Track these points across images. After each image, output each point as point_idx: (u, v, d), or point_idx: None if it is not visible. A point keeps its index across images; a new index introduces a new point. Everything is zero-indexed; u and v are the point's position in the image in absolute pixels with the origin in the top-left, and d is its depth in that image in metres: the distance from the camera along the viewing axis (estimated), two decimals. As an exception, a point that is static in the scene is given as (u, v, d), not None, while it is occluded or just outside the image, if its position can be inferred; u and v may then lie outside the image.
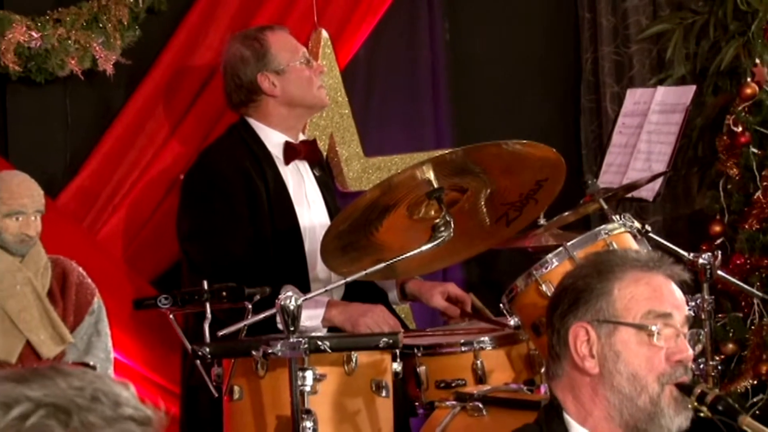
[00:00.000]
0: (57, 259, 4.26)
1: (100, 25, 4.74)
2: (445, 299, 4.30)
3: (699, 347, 2.48)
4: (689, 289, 4.09)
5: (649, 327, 2.36)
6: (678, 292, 2.42)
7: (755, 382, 4.67)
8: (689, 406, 2.35)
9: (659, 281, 2.40)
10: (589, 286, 2.40)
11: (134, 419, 1.43)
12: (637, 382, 2.35)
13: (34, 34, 4.64)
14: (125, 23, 4.78)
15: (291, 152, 4.34)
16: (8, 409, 1.39)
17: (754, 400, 4.64)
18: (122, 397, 1.44)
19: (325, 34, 5.07)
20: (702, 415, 2.36)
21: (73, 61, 4.70)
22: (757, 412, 4.56)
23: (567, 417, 2.39)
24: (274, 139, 4.34)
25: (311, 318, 3.85)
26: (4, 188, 4.12)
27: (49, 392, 1.41)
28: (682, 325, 2.39)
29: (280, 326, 3.49)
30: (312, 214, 4.34)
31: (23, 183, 4.17)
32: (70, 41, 4.69)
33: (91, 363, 4.13)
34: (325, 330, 4.07)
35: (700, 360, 4.06)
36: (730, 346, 4.80)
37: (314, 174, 4.42)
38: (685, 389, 2.35)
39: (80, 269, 4.29)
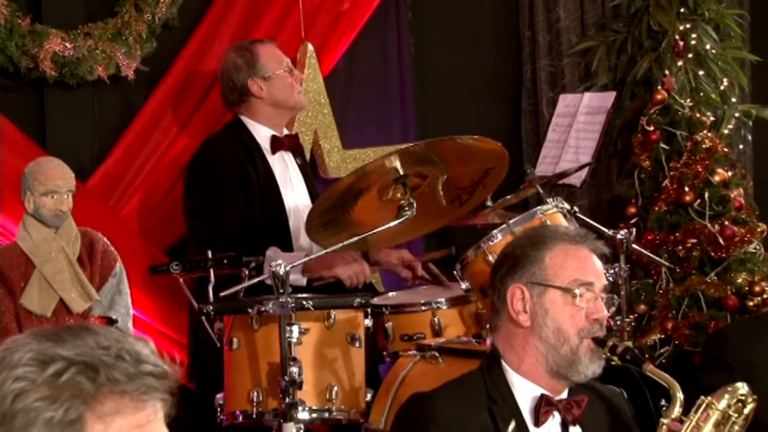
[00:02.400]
0: (86, 230, 4.25)
1: (123, 38, 4.76)
2: (400, 263, 4.32)
3: (613, 309, 2.48)
4: (609, 259, 4.13)
5: (573, 290, 2.37)
6: (599, 264, 2.44)
7: (662, 336, 4.69)
8: (602, 356, 2.37)
9: (584, 254, 2.41)
10: (525, 253, 2.41)
11: (153, 374, 1.41)
12: (561, 335, 2.36)
13: (67, 44, 4.64)
14: (144, 36, 4.80)
15: (277, 144, 4.35)
16: (45, 366, 1.38)
17: (661, 351, 4.66)
18: (143, 354, 1.42)
19: (310, 46, 5.08)
20: (613, 363, 2.37)
21: (100, 68, 4.71)
22: (663, 360, 4.58)
23: (504, 364, 2.40)
24: (262, 133, 4.35)
25: (294, 270, 3.84)
26: (41, 171, 4.12)
27: (80, 351, 1.39)
28: (600, 291, 2.40)
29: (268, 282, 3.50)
30: (295, 195, 4.35)
31: (57, 167, 4.17)
32: (97, 51, 4.70)
33: (114, 317, 4.15)
34: (305, 279, 4.07)
35: (617, 318, 4.06)
36: (642, 306, 4.81)
37: (297, 162, 4.43)
38: (599, 342, 2.36)
39: (105, 239, 4.29)
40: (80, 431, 1.36)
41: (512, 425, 1.79)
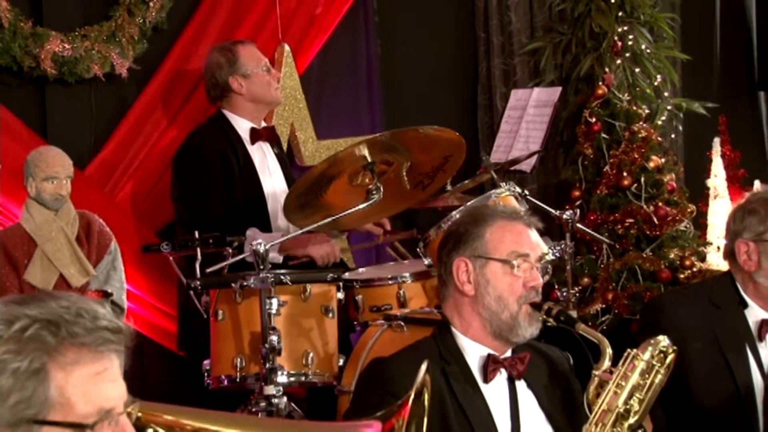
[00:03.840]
0: (83, 212, 4.23)
1: (117, 39, 4.72)
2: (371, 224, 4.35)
3: (547, 277, 2.48)
4: (555, 237, 4.15)
5: (511, 262, 2.37)
6: (534, 236, 2.44)
7: (604, 306, 4.71)
8: (539, 318, 2.37)
9: (519, 228, 2.41)
10: (468, 230, 2.41)
11: (109, 329, 1.42)
12: (502, 302, 2.36)
13: (66, 45, 4.60)
14: (136, 38, 4.76)
15: (256, 135, 4.34)
16: (11, 324, 1.39)
17: (603, 319, 4.69)
18: (99, 312, 1.43)
19: (287, 47, 5.05)
20: (549, 324, 2.38)
21: (96, 67, 4.66)
22: (605, 327, 4.61)
23: (454, 329, 2.40)
24: (243, 126, 4.34)
25: (272, 249, 3.82)
26: (42, 159, 4.10)
27: (42, 310, 1.41)
28: (535, 261, 2.41)
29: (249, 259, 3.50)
30: (273, 181, 4.33)
31: (57, 155, 4.14)
32: (94, 51, 4.66)
33: (109, 290, 4.12)
34: (281, 257, 4.06)
35: (563, 290, 4.08)
36: (586, 279, 4.83)
37: (274, 152, 4.42)
38: (536, 307, 2.37)
39: (101, 221, 4.26)
40: (44, 379, 1.37)
41: (425, 365, 1.75)
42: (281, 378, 3.46)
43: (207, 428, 1.75)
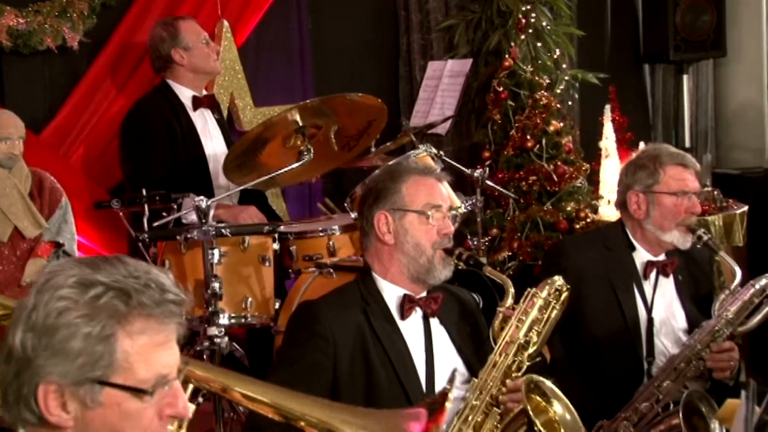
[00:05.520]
0: (36, 170, 4.13)
1: (68, 15, 4.58)
2: None
3: (456, 224, 2.47)
4: (467, 192, 4.16)
5: (426, 212, 2.35)
6: (445, 189, 2.43)
7: (510, 253, 4.74)
8: (452, 262, 2.36)
9: (432, 182, 2.40)
10: (386, 186, 2.38)
11: (174, 302, 1.39)
12: (419, 248, 2.35)
13: (20, 20, 4.47)
14: (86, 13, 4.63)
15: (197, 103, 4.26)
16: (86, 290, 1.35)
17: (509, 264, 4.72)
18: (166, 284, 1.40)
19: (226, 23, 4.95)
20: (459, 267, 2.38)
21: (49, 40, 4.54)
22: (511, 272, 4.63)
23: (374, 274, 2.38)
24: (185, 94, 4.26)
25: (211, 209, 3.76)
26: None
27: (115, 279, 1.36)
28: (447, 211, 2.40)
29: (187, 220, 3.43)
30: (214, 144, 4.27)
31: (9, 117, 4.03)
32: (47, 25, 4.53)
33: (61, 241, 4.06)
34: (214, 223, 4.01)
35: (474, 239, 4.11)
36: (494, 230, 4.85)
37: (214, 117, 4.35)
38: (449, 252, 2.36)
39: (52, 178, 4.17)
40: (112, 345, 1.34)
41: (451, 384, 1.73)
42: (223, 320, 3.45)
43: (232, 387, 1.71)
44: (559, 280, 2.36)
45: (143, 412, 1.35)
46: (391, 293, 2.35)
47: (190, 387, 1.56)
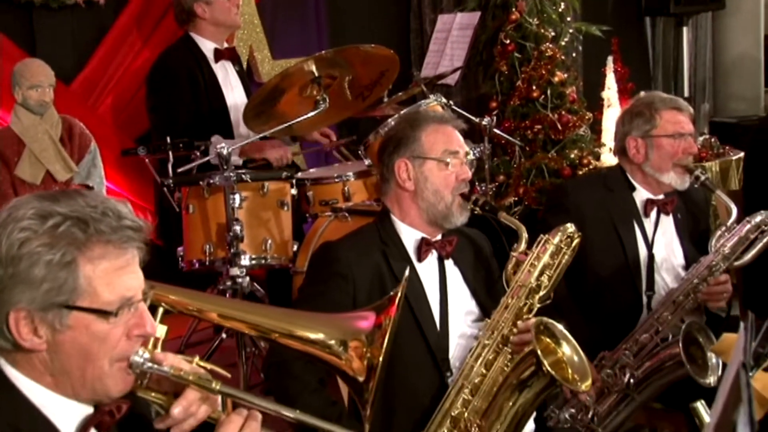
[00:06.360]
0: (66, 117, 4.13)
1: (100, -29, 4.56)
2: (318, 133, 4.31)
3: (473, 169, 2.43)
4: (475, 140, 4.11)
5: (445, 159, 2.32)
6: (460, 137, 2.38)
7: (516, 198, 4.70)
8: (468, 207, 2.33)
9: (449, 130, 2.36)
10: (406, 134, 2.34)
11: (131, 228, 1.38)
12: (438, 194, 2.31)
13: (50, -22, 4.44)
14: (112, -31, 4.60)
15: (219, 55, 4.23)
16: (45, 220, 1.34)
17: (515, 209, 4.67)
18: (123, 212, 1.39)
19: (246, -22, 4.89)
20: (476, 212, 2.35)
21: (78, -5, 4.52)
22: (517, 216, 4.59)
23: (393, 217, 2.36)
24: (207, 46, 4.21)
25: (233, 153, 3.74)
26: (27, 70, 4.00)
27: (73, 209, 1.35)
28: (464, 156, 2.36)
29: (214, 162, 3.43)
30: (234, 95, 4.24)
31: (40, 66, 4.03)
32: (75, -19, 4.51)
33: (90, 184, 4.07)
34: (242, 160, 3.99)
35: (482, 185, 4.08)
36: (501, 177, 4.81)
37: (235, 69, 4.31)
38: (466, 197, 2.33)
39: (81, 124, 4.17)
40: (74, 271, 1.34)
41: (407, 272, 1.75)
42: (244, 261, 3.46)
43: (204, 307, 1.71)
44: (570, 227, 2.33)
45: (111, 332, 1.36)
46: (409, 236, 2.32)
47: (160, 310, 1.56)
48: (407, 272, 1.76)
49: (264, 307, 1.71)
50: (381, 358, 1.59)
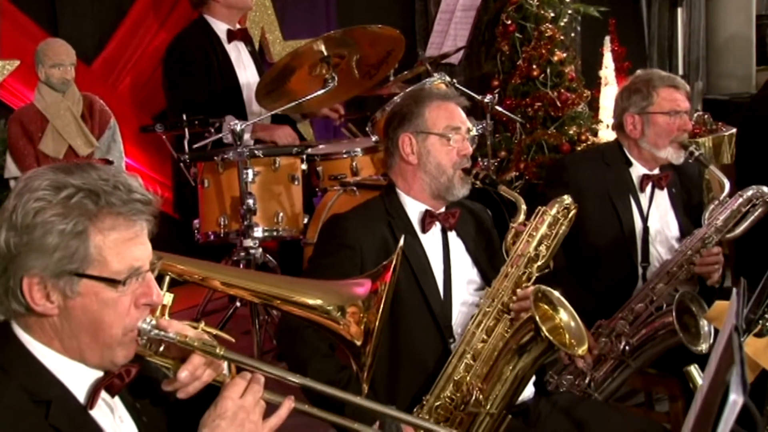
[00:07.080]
0: (87, 94, 4.13)
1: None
2: (327, 109, 4.28)
3: (474, 145, 2.39)
4: (478, 117, 4.08)
5: (447, 135, 2.29)
6: (463, 114, 2.35)
7: (517, 173, 4.68)
8: (469, 181, 2.31)
9: (452, 107, 2.32)
10: (410, 110, 2.31)
11: (141, 201, 1.38)
12: (440, 168, 2.29)
13: (72, -42, 4.40)
14: (131, -47, 4.56)
15: (231, 35, 4.21)
16: (59, 191, 1.34)
17: (516, 184, 4.66)
18: (133, 186, 1.38)
19: (259, -39, 4.84)
20: (476, 186, 2.32)
21: (99, -23, 4.50)
22: (518, 191, 4.57)
23: (398, 190, 2.33)
24: (220, 28, 4.20)
25: (245, 131, 3.71)
26: (49, 49, 4.00)
27: (85, 181, 1.35)
28: (466, 132, 2.33)
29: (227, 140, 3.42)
30: (247, 74, 4.23)
31: (62, 45, 4.03)
32: (95, -36, 4.48)
33: (110, 159, 4.06)
34: (252, 140, 3.98)
35: (484, 161, 4.05)
36: (503, 152, 4.79)
37: (247, 49, 4.30)
38: (467, 171, 2.30)
39: (101, 101, 4.17)
40: (85, 240, 1.34)
41: (402, 241, 1.73)
42: (257, 233, 3.46)
43: (209, 276, 1.70)
44: (567, 199, 2.31)
45: (119, 300, 1.36)
46: (414, 208, 2.30)
47: (167, 278, 1.56)
48: (401, 241, 1.73)
49: (266, 275, 1.71)
50: (377, 323, 1.58)
